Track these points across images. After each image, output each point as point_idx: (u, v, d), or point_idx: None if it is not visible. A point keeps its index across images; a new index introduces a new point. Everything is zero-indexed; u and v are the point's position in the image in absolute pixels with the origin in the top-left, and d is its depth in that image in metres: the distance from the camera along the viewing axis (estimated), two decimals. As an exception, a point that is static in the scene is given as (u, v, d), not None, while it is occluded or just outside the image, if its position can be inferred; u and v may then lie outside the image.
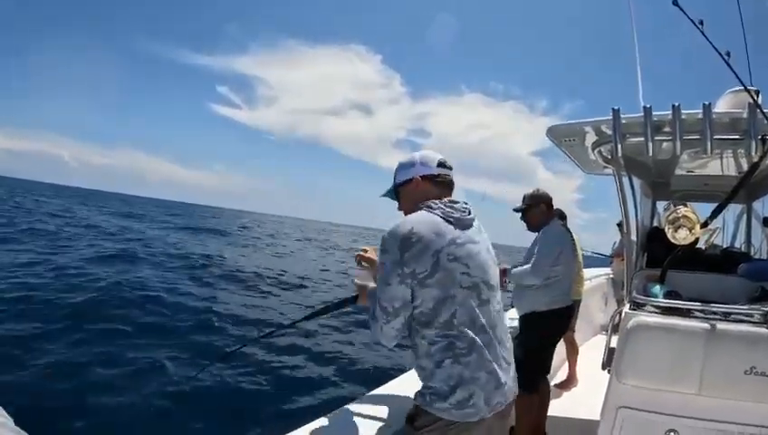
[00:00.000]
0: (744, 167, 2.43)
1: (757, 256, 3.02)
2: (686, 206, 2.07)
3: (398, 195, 1.50)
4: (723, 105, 2.25)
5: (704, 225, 1.89)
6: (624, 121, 2.12)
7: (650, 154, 2.09)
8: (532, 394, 2.58)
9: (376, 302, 1.32)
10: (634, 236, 2.68)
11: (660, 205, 3.46)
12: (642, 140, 2.07)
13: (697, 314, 1.91)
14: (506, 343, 1.37)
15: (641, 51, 2.26)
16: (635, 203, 2.62)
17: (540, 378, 2.73)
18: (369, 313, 1.37)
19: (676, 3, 1.73)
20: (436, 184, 1.42)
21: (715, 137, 1.93)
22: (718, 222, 3.43)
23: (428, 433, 1.25)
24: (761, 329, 1.78)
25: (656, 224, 3.31)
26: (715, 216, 1.98)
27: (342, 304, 1.74)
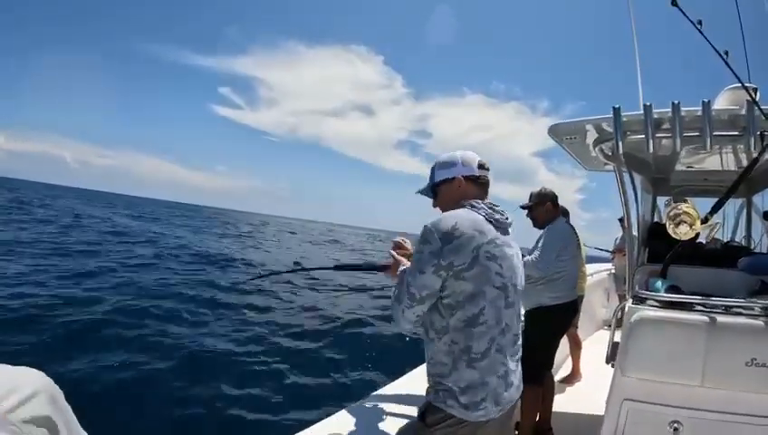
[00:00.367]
0: (743, 162, 2.45)
1: (757, 250, 3.05)
2: (686, 202, 2.09)
3: (436, 193, 1.50)
4: (721, 102, 2.27)
5: (704, 220, 1.91)
6: (625, 119, 2.13)
7: (651, 151, 2.10)
8: (538, 388, 2.62)
9: (404, 285, 1.32)
10: (635, 232, 2.71)
11: (661, 200, 3.48)
12: (642, 137, 2.08)
13: (699, 307, 1.94)
14: (519, 345, 1.42)
15: (641, 51, 2.28)
16: (636, 199, 2.64)
17: (545, 372, 2.77)
18: (394, 293, 1.38)
19: (675, 3, 1.75)
20: (477, 185, 1.44)
21: (715, 133, 1.95)
22: (719, 217, 3.46)
23: (440, 430, 1.27)
24: (761, 321, 1.81)
25: (656, 219, 3.33)
26: (715, 211, 2.00)
27: (372, 268, 1.79)
